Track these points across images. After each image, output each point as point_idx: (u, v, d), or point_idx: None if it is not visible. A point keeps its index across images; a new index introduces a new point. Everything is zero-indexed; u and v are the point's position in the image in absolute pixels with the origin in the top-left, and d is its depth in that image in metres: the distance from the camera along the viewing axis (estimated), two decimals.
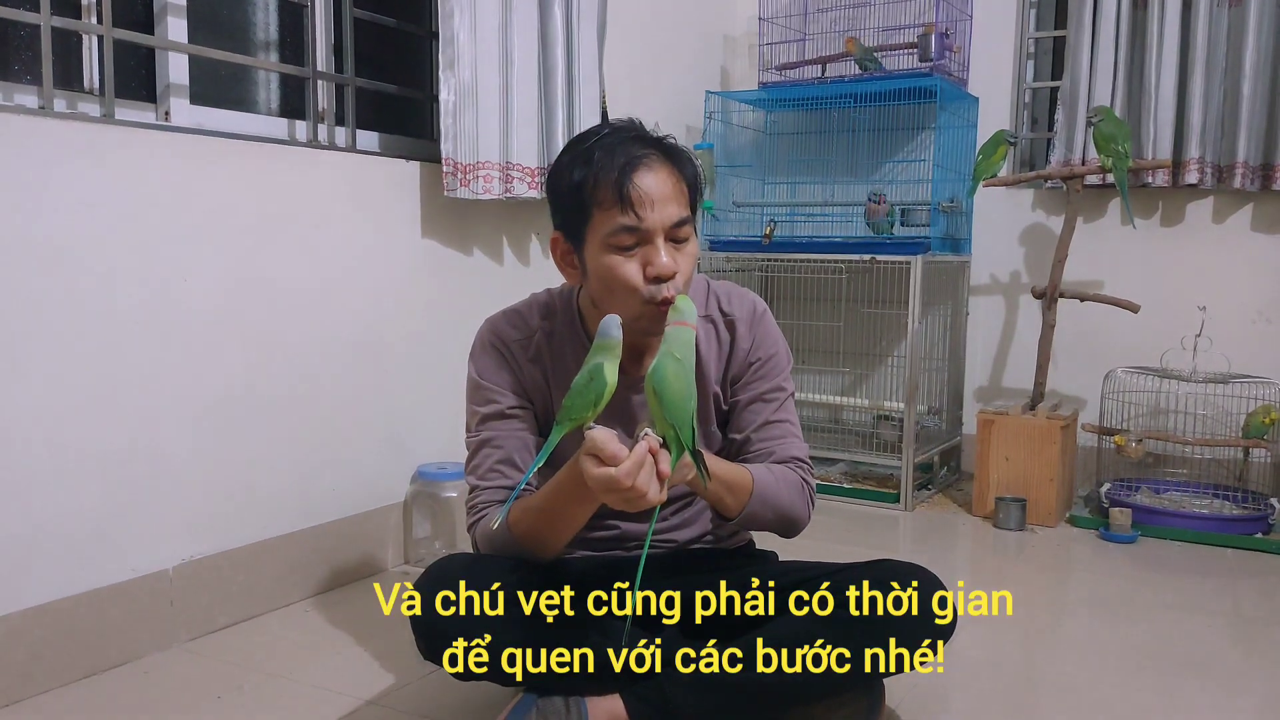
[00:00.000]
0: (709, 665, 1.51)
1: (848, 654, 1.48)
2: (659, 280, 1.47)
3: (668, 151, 1.52)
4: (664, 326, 1.42)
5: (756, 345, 1.66)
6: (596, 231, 1.49)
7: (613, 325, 1.35)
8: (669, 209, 1.48)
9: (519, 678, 1.54)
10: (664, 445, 1.31)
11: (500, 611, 1.47)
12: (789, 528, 1.62)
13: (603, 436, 1.27)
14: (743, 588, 1.65)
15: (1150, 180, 3.21)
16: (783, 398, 1.67)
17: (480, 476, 1.61)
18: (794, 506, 1.59)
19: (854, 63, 3.35)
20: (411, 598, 1.51)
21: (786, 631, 1.50)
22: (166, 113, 2.18)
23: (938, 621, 1.54)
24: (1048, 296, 3.17)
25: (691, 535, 1.72)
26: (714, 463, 1.48)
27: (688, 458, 1.35)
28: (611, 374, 1.33)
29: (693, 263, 1.53)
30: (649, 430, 1.31)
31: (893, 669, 1.57)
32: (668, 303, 1.46)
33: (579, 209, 1.50)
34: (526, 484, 1.59)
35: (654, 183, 1.47)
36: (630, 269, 1.48)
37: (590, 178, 1.48)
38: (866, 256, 3.24)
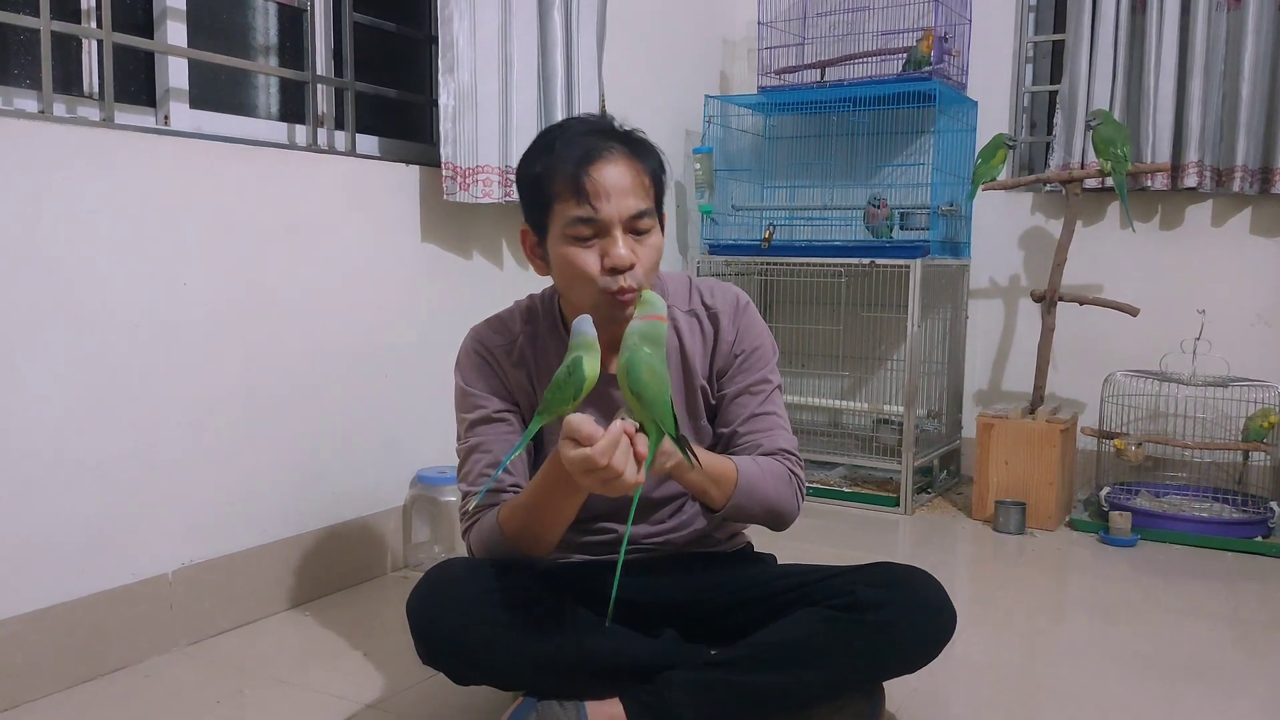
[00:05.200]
0: (708, 667, 1.51)
1: (848, 655, 1.49)
2: (615, 271, 1.48)
3: (631, 144, 1.53)
4: (624, 315, 1.43)
5: (741, 337, 1.67)
6: (557, 222, 1.51)
7: (586, 324, 1.36)
8: (627, 200, 1.49)
9: (519, 680, 1.54)
10: (641, 430, 1.32)
11: (499, 614, 1.48)
12: (777, 520, 1.61)
13: (578, 419, 1.28)
14: (742, 589, 1.66)
15: (1149, 184, 3.21)
16: (769, 390, 1.67)
17: (471, 482, 1.61)
18: (781, 498, 1.58)
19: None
20: (412, 601, 1.51)
21: (786, 633, 1.50)
22: (166, 117, 2.18)
23: (938, 623, 1.54)
24: (1047, 300, 3.17)
25: (687, 536, 1.71)
26: (699, 454, 1.48)
27: (669, 445, 1.35)
28: (591, 367, 1.34)
29: (655, 254, 1.54)
30: (625, 416, 1.32)
31: (893, 671, 1.58)
32: (625, 292, 1.47)
33: (540, 200, 1.53)
34: (515, 486, 1.59)
35: (612, 174, 1.48)
36: (587, 259, 1.49)
37: (549, 169, 1.50)
38: (866, 260, 3.24)
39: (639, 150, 1.54)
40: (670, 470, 1.42)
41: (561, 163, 1.49)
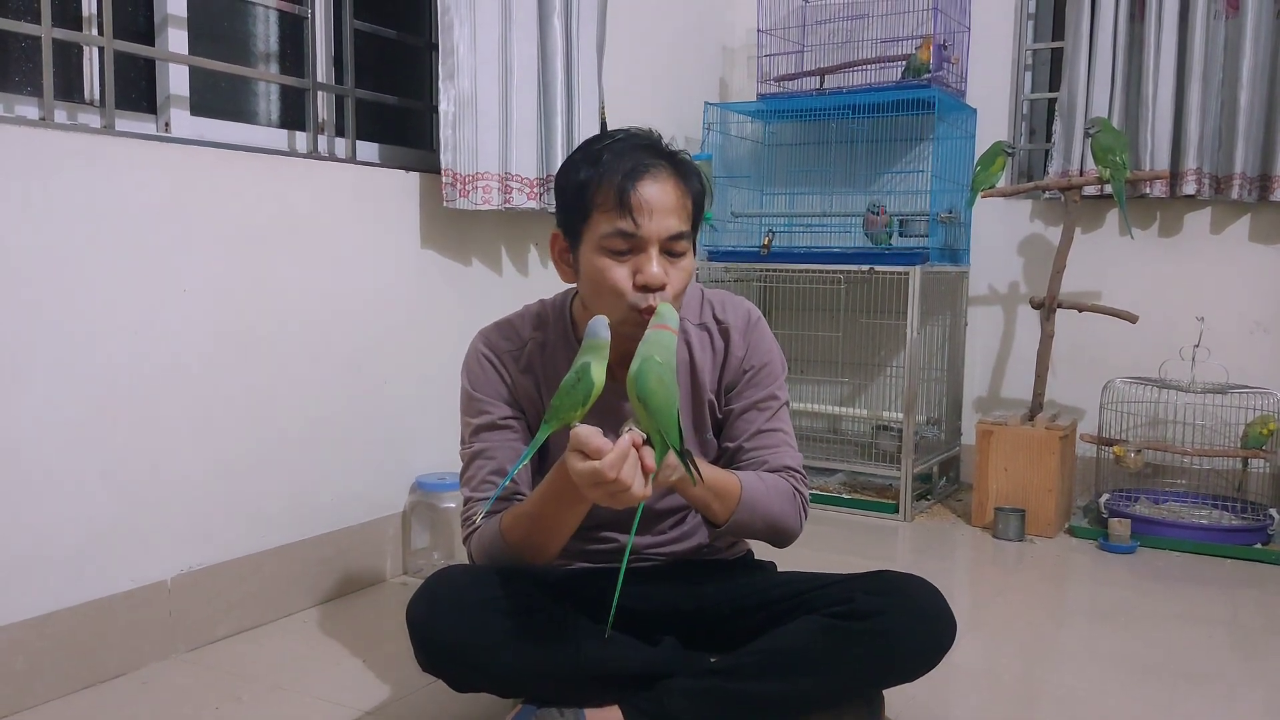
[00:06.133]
0: (708, 675, 1.51)
1: (847, 663, 1.48)
2: (646, 289, 1.48)
3: (677, 165, 1.53)
4: (643, 333, 1.42)
5: (750, 353, 1.67)
6: (594, 232, 1.50)
7: (600, 326, 1.36)
8: (668, 220, 1.48)
9: (518, 688, 1.54)
10: (648, 442, 1.32)
11: (499, 621, 1.48)
12: (779, 537, 1.62)
13: (587, 431, 1.28)
14: (742, 597, 1.66)
15: (1148, 191, 3.22)
16: (776, 406, 1.67)
17: (474, 488, 1.61)
18: (784, 515, 1.59)
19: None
20: (412, 608, 1.51)
21: (785, 641, 1.50)
22: (167, 124, 2.18)
23: (937, 631, 1.54)
24: (1046, 307, 3.18)
25: (689, 548, 1.71)
26: (703, 469, 1.48)
27: (674, 459, 1.35)
28: (599, 374, 1.34)
29: (686, 277, 1.53)
30: (633, 426, 1.32)
31: (893, 679, 1.57)
32: (651, 311, 1.45)
33: (580, 207, 1.51)
34: (519, 494, 1.59)
35: (657, 192, 1.47)
36: (620, 273, 1.48)
37: (595, 178, 1.49)
38: (865, 267, 3.24)
39: (684, 171, 1.53)
40: (674, 484, 1.42)
41: (609, 174, 1.48)
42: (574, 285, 1.62)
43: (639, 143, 1.53)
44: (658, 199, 1.47)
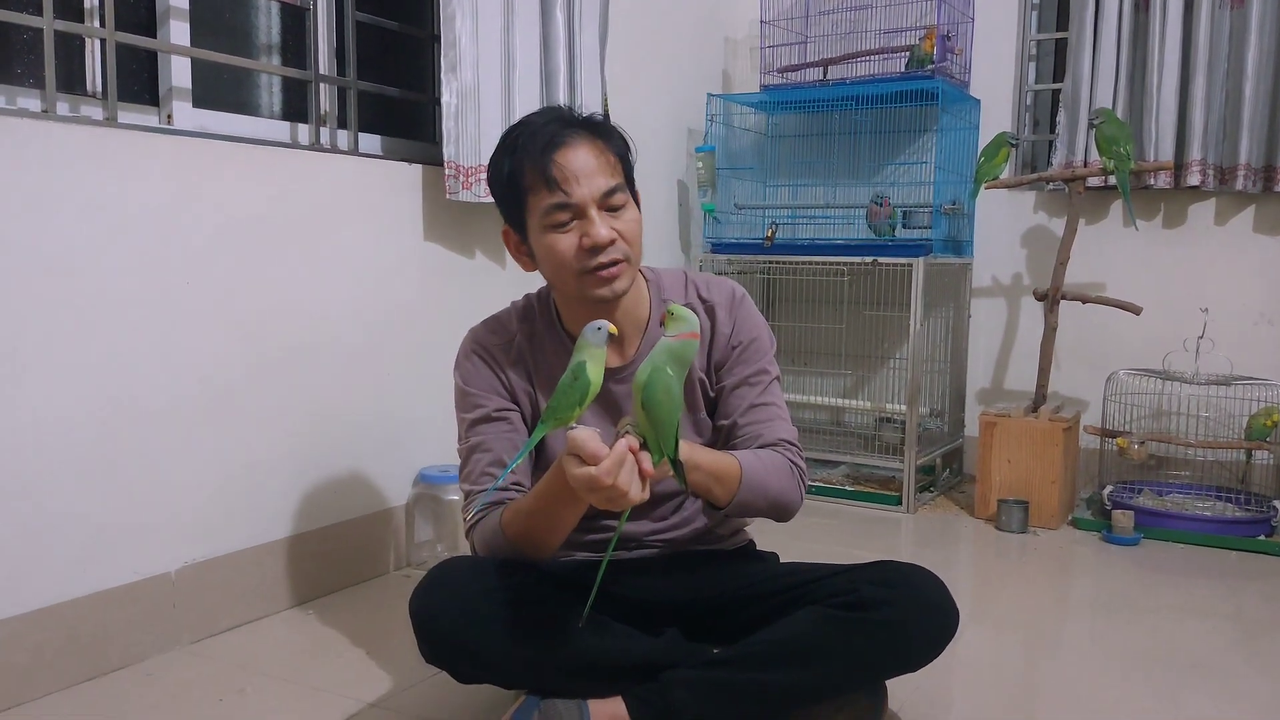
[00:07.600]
0: (711, 666, 1.51)
1: (850, 654, 1.49)
2: (596, 249, 1.51)
3: (592, 127, 1.57)
4: (612, 291, 1.52)
5: (738, 329, 1.68)
6: (534, 215, 1.55)
7: (591, 332, 1.36)
8: (596, 180, 1.52)
9: (521, 679, 1.54)
10: (644, 446, 1.32)
11: (501, 613, 1.48)
12: (782, 512, 1.62)
13: (583, 436, 1.28)
14: (745, 588, 1.66)
15: (1152, 182, 3.21)
16: (767, 380, 1.68)
17: (473, 481, 1.62)
18: (784, 491, 1.59)
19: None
20: (415, 600, 1.51)
21: (788, 632, 1.50)
22: (169, 116, 2.18)
23: (940, 622, 1.54)
24: (1050, 298, 3.17)
25: (688, 534, 1.72)
26: (701, 454, 1.49)
27: (664, 465, 1.36)
28: (596, 373, 1.35)
29: (635, 227, 1.57)
30: (630, 429, 1.32)
31: (896, 670, 1.58)
32: (609, 266, 1.52)
33: (515, 196, 1.56)
34: (518, 485, 1.60)
35: (578, 158, 1.52)
36: (568, 242, 1.53)
37: (518, 165, 1.54)
38: (868, 259, 3.24)
39: (600, 132, 1.57)
40: (672, 474, 1.42)
41: (528, 156, 1.52)
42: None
43: (550, 118, 1.57)
44: (580, 164, 1.51)
